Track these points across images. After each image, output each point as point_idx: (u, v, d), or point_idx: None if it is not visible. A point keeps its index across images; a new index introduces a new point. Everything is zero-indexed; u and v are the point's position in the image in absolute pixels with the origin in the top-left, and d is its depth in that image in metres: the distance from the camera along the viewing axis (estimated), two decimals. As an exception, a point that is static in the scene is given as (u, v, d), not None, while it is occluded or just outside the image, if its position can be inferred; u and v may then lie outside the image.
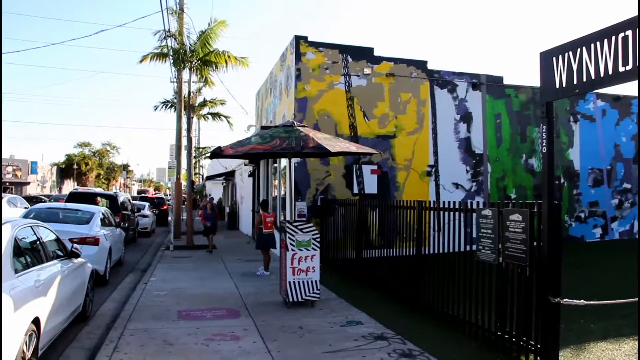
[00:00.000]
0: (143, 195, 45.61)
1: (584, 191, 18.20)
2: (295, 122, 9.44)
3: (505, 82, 17.15)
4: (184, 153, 22.23)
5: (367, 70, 15.36)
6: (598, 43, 5.04)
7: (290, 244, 9.06)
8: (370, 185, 15.08)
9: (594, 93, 18.31)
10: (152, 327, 7.58)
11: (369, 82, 15.36)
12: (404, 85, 15.71)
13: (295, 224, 9.24)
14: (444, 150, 16.07)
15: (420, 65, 16.02)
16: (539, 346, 5.88)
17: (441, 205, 8.19)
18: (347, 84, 15.15)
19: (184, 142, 22.24)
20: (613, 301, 6.27)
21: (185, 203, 22.81)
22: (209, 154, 31.38)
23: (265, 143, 8.50)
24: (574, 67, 5.34)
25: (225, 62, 20.45)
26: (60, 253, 7.31)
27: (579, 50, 5.28)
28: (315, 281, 9.16)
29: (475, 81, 16.66)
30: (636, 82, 4.54)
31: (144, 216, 24.60)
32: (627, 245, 17.33)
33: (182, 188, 23.91)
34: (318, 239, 9.26)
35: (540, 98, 6.08)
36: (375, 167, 15.15)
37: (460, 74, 16.58)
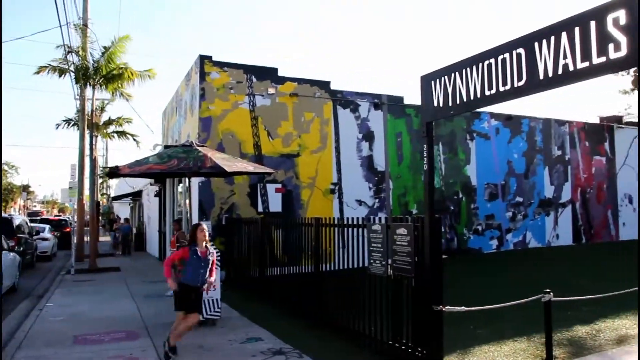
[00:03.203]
0: (36, 217, 42.39)
1: (481, 205, 19.16)
2: (194, 142, 9.48)
3: (406, 102, 17.85)
4: (88, 173, 21.58)
5: (271, 90, 15.60)
6: (469, 69, 5.47)
7: (191, 263, 9.04)
8: (275, 203, 15.25)
9: (487, 112, 19.42)
10: (44, 354, 7.37)
11: (273, 101, 15.59)
12: (308, 105, 16.05)
13: (195, 243, 9.23)
14: (347, 168, 16.51)
15: (324, 85, 16.44)
16: (425, 352, 6.21)
17: (337, 222, 8.47)
18: (251, 103, 15.32)
19: (88, 161, 21.60)
20: (492, 306, 6.74)
21: (89, 225, 22.12)
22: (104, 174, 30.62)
23: (163, 163, 8.51)
24: (449, 90, 5.75)
25: (129, 77, 20.06)
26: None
27: (453, 75, 5.70)
28: (217, 300, 9.19)
29: (377, 101, 17.27)
30: (504, 104, 4.97)
31: (44, 239, 23.53)
32: (520, 255, 18.38)
33: (86, 209, 23.16)
34: (219, 257, 9.30)
35: (421, 119, 6.47)
36: (279, 185, 15.36)
37: (362, 94, 17.13)
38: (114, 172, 9.15)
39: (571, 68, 4.32)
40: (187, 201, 14.62)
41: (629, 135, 23.73)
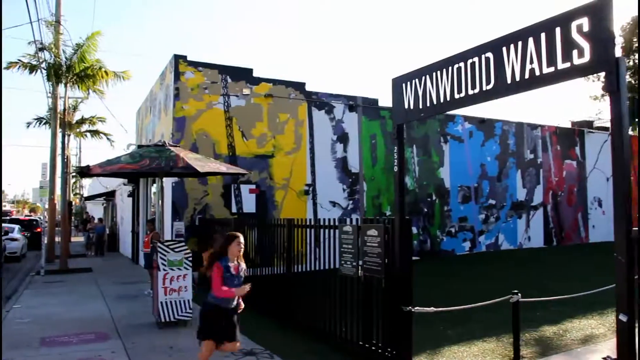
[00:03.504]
0: (5, 217, 40.98)
1: (454, 207, 19.32)
2: (167, 142, 9.44)
3: (381, 104, 17.92)
4: (60, 172, 21.27)
5: (246, 91, 15.55)
6: (439, 72, 5.53)
7: (162, 263, 9.02)
8: (249, 204, 15.21)
9: (461, 115, 19.60)
10: (9, 357, 7.26)
11: (247, 102, 15.55)
12: (283, 106, 16.04)
13: (166, 243, 9.22)
14: (322, 169, 16.53)
15: (299, 86, 16.44)
16: (394, 352, 6.26)
17: (309, 223, 8.50)
18: (226, 104, 15.26)
19: (60, 160, 21.27)
20: (461, 307, 6.82)
21: (61, 225, 21.83)
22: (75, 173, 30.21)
23: (135, 162, 8.45)
24: (420, 93, 5.81)
25: (103, 77, 19.86)
26: None
27: (423, 77, 5.76)
28: (188, 300, 9.16)
29: (352, 103, 17.32)
30: (479, 107, 5.03)
31: (13, 239, 23.09)
32: (493, 257, 18.57)
33: (58, 209, 22.85)
34: (190, 258, 9.28)
35: (392, 121, 6.52)
36: (253, 186, 15.31)
37: (337, 96, 17.16)
38: (84, 172, 9.05)
39: (537, 73, 4.40)
40: (161, 201, 14.55)
41: (599, 139, 24.13)
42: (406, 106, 6.04)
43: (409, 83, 6.00)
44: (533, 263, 16.83)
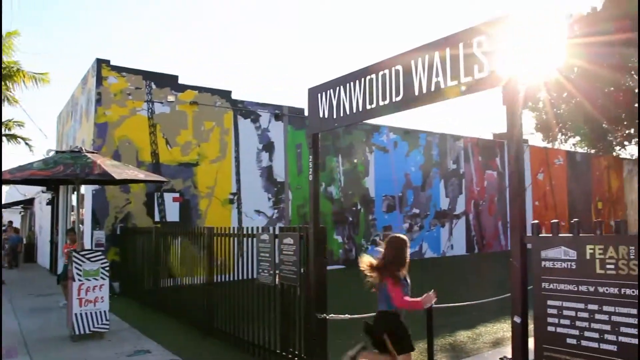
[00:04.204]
0: None
1: (379, 216, 19.64)
2: (83, 148, 9.18)
3: (307, 113, 18.00)
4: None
5: (170, 98, 15.34)
6: (352, 83, 5.64)
7: (77, 273, 8.75)
8: (173, 213, 14.98)
9: (386, 126, 19.98)
10: None
11: (172, 109, 15.34)
12: (208, 114, 15.91)
13: (82, 252, 8.94)
14: (247, 178, 16.47)
15: (225, 94, 16.36)
16: (309, 361, 6.30)
17: (229, 231, 8.46)
18: (150, 110, 15.00)
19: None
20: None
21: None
22: None
23: (48, 169, 8.18)
24: (334, 103, 5.90)
25: (22, 77, 19.09)
26: None
27: (338, 88, 5.86)
28: (104, 311, 8.92)
29: (278, 112, 17.38)
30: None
31: None
32: (417, 264, 18.79)
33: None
34: (107, 268, 9.04)
35: (307, 131, 6.59)
36: (177, 194, 15.10)
37: (263, 105, 17.17)
38: (-7, 179, 8.67)
39: (442, 86, 4.56)
40: (82, 210, 14.14)
41: (517, 151, 25.13)
42: (321, 116, 6.13)
43: (324, 93, 6.09)
44: (455, 270, 17.31)
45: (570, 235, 3.75)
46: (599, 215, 28.28)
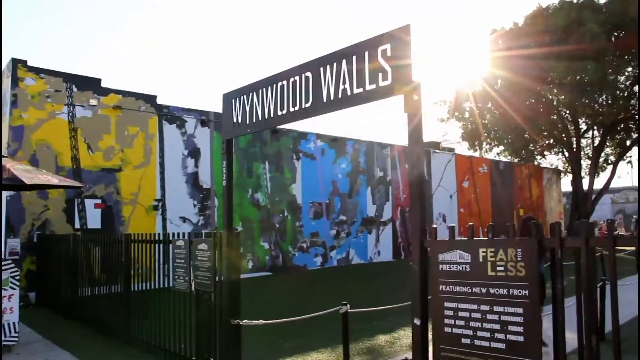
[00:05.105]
0: None
1: (306, 223, 19.71)
2: (-7, 153, 8.83)
3: (235, 120, 17.94)
4: None
5: (93, 102, 14.94)
6: (264, 89, 5.68)
7: (-15, 283, 8.37)
8: (94, 219, 14.58)
9: (314, 133, 20.13)
10: None
11: (94, 113, 14.95)
12: (132, 119, 15.60)
13: (-10, 261, 8.56)
14: (172, 184, 16.23)
15: (150, 99, 16.07)
16: (223, 367, 6.27)
17: (146, 238, 8.31)
18: (70, 114, 14.57)
19: None
20: (292, 318, 6.97)
21: None
22: None
23: (-47, 174, 7.82)
24: (247, 108, 5.93)
25: None
26: None
27: (251, 94, 5.89)
28: (14, 323, 8.56)
29: (204, 118, 17.22)
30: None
31: None
32: (343, 271, 19.16)
33: None
34: (17, 277, 8.71)
35: (222, 136, 6.59)
36: (99, 201, 14.70)
37: (189, 110, 16.97)
38: None
39: (349, 93, 4.67)
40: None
41: (443, 159, 25.86)
42: (234, 121, 6.14)
43: (238, 99, 6.11)
44: (381, 276, 17.59)
45: (465, 239, 3.91)
46: (520, 222, 29.30)
